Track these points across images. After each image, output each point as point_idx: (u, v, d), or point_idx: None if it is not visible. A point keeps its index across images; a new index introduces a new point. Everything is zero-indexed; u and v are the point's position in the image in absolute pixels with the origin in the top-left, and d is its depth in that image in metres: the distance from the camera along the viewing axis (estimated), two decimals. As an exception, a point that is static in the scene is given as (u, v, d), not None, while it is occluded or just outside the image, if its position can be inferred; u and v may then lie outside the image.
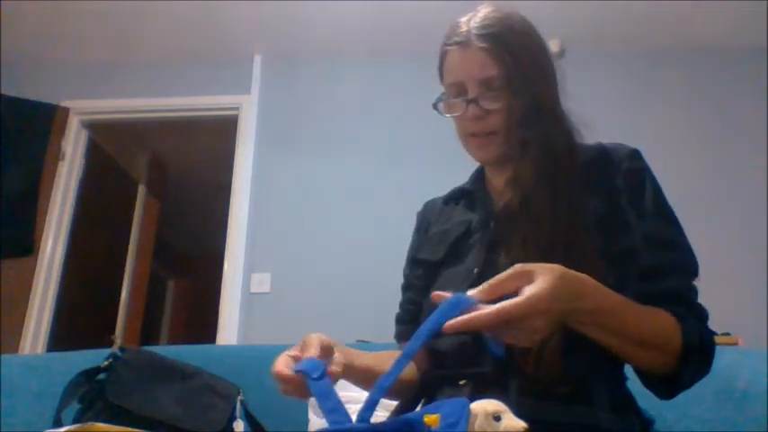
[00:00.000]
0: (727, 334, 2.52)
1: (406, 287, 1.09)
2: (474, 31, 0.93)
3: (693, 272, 0.89)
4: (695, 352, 0.82)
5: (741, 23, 3.33)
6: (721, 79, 3.46)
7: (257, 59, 3.73)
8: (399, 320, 1.09)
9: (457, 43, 0.94)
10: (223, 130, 3.73)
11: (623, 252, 0.86)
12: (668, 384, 0.84)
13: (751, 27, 3.32)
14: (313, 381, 0.71)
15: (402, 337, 1.07)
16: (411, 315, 1.05)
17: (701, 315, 0.87)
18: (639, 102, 3.45)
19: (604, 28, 3.44)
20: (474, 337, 0.88)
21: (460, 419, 0.56)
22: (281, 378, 0.77)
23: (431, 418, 0.58)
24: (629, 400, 0.89)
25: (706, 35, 3.45)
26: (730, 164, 3.28)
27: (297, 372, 0.74)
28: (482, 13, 0.95)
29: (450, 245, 0.99)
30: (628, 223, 0.88)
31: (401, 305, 1.09)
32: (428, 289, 1.00)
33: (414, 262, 1.08)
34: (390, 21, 3.45)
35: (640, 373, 0.86)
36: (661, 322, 0.82)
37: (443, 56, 0.98)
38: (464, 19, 0.96)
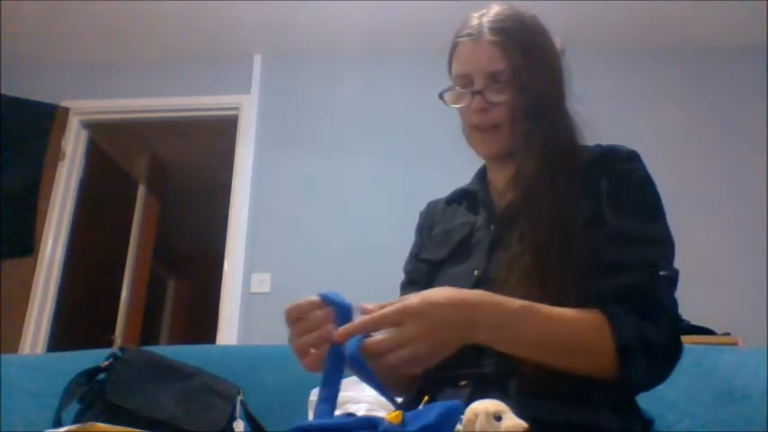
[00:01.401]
0: (727, 334, 2.52)
1: (409, 283, 1.09)
2: (486, 25, 0.95)
3: (658, 266, 0.85)
4: (636, 351, 0.79)
5: (741, 23, 3.33)
6: (721, 79, 3.46)
7: (257, 59, 3.72)
8: None
9: (468, 35, 0.96)
10: (223, 130, 3.73)
11: (593, 251, 0.85)
12: (624, 387, 0.82)
13: (751, 27, 3.32)
14: (351, 356, 0.71)
15: None
16: None
17: (660, 309, 0.82)
18: (639, 102, 3.45)
19: (604, 28, 3.44)
20: None
21: (443, 425, 0.57)
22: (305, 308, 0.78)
23: (392, 415, 0.59)
24: (629, 399, 0.88)
25: (706, 35, 3.45)
26: (730, 164, 3.28)
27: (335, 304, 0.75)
28: (495, 9, 0.98)
29: (453, 246, 1.00)
30: (604, 223, 0.88)
31: None
32: (430, 287, 1.01)
33: (416, 260, 1.09)
34: (390, 21, 3.45)
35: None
36: (580, 324, 0.80)
37: (454, 47, 0.99)
38: (476, 14, 0.98)
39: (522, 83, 0.92)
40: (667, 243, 0.88)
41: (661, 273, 0.84)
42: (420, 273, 1.06)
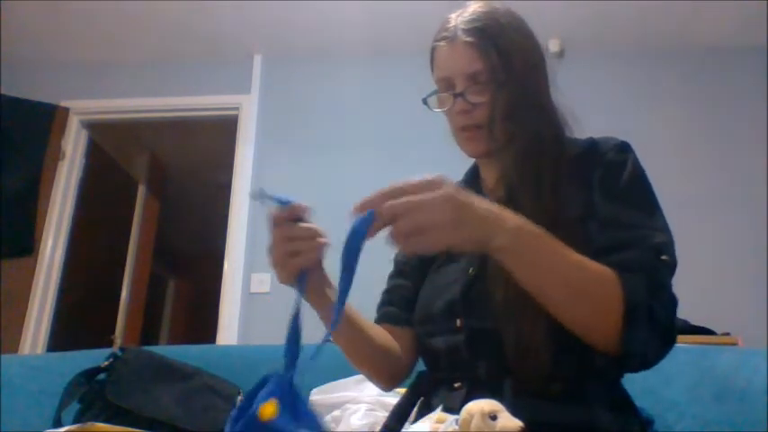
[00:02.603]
0: (727, 334, 2.52)
1: (398, 274, 1.09)
2: (461, 26, 0.94)
3: (660, 250, 0.83)
4: (641, 316, 0.76)
5: (741, 23, 3.33)
6: (721, 79, 3.46)
7: (257, 59, 3.73)
8: (386, 303, 1.07)
9: (445, 38, 0.96)
10: (223, 130, 3.73)
11: (588, 241, 0.84)
12: (619, 356, 0.78)
13: (751, 27, 3.32)
14: (362, 226, 0.69)
15: (387, 319, 1.05)
16: (403, 300, 1.05)
17: (663, 289, 0.80)
18: (639, 102, 3.44)
19: (604, 28, 3.44)
20: (467, 341, 0.88)
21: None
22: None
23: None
24: (627, 399, 0.88)
25: (706, 35, 3.45)
26: (730, 164, 3.28)
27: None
28: (471, 9, 0.96)
29: None
30: (596, 212, 0.87)
31: (389, 290, 1.08)
32: (422, 282, 1.02)
33: (408, 256, 1.09)
34: (390, 20, 3.45)
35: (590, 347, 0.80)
36: (595, 270, 0.78)
37: (433, 52, 0.99)
38: (453, 15, 0.97)
39: (500, 80, 0.91)
40: (668, 232, 0.87)
41: (663, 257, 0.83)
42: (411, 266, 1.06)
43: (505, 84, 0.91)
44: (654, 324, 0.78)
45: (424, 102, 1.00)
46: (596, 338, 0.79)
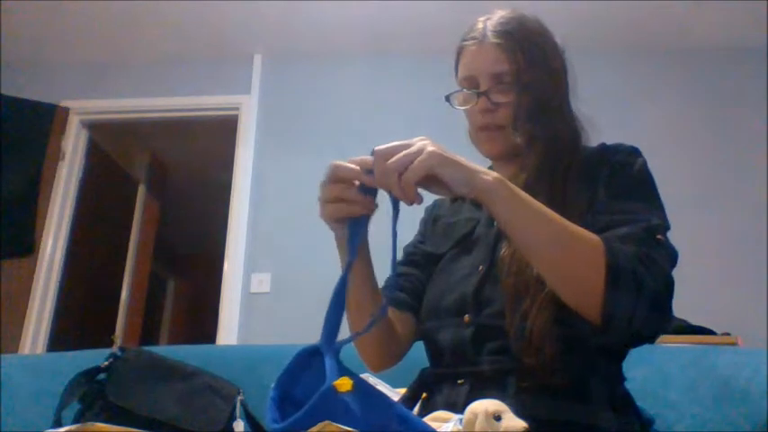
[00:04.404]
0: (727, 334, 2.52)
1: (408, 263, 1.08)
2: (490, 29, 0.97)
3: (656, 230, 0.83)
4: (626, 279, 0.75)
5: (741, 23, 3.33)
6: (721, 79, 3.46)
7: (257, 59, 3.73)
8: (396, 287, 1.05)
9: (473, 39, 0.98)
10: (223, 130, 3.73)
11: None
12: (602, 320, 0.76)
13: (751, 27, 3.32)
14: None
15: (392, 303, 1.02)
16: (411, 287, 1.04)
17: (654, 263, 0.78)
18: (639, 102, 3.45)
19: (604, 28, 3.44)
20: (472, 336, 0.88)
21: None
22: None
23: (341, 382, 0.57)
24: (628, 399, 0.89)
25: (706, 35, 3.45)
26: (730, 163, 3.28)
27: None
28: (499, 13, 1.00)
29: (455, 240, 1.01)
30: (596, 206, 0.88)
31: (398, 275, 1.07)
32: (430, 275, 1.02)
33: (419, 247, 1.10)
34: (390, 20, 3.45)
35: (575, 312, 0.79)
36: (581, 228, 0.78)
37: (460, 52, 1.01)
38: (482, 18, 1.00)
39: (525, 83, 0.93)
40: (665, 220, 0.87)
41: (657, 236, 0.82)
42: (421, 257, 1.07)
43: (529, 87, 0.93)
44: (641, 292, 0.76)
45: (447, 99, 1.01)
46: (578, 298, 0.78)
